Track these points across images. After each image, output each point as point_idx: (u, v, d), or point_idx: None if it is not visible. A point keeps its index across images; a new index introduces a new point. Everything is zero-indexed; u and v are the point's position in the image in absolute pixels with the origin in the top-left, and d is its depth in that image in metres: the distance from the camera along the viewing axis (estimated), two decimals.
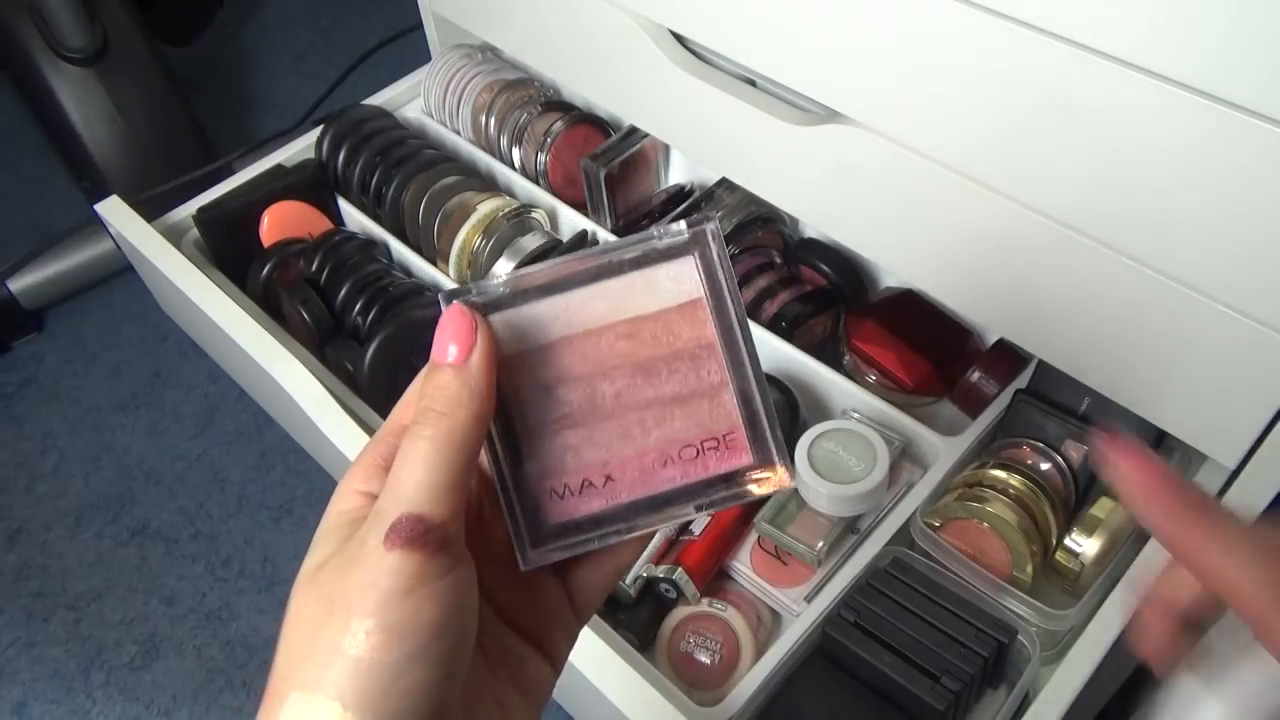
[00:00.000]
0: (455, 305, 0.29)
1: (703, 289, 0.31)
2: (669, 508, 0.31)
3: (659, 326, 0.31)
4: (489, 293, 0.30)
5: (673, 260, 0.31)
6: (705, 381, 0.31)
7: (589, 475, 0.31)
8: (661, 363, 0.31)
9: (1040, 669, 0.63)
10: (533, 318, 0.31)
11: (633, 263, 0.31)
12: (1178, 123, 0.48)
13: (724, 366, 0.32)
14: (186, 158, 1.29)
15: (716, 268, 0.31)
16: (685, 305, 0.31)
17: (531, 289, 0.31)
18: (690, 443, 0.31)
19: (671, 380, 0.31)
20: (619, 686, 0.57)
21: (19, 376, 1.24)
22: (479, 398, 0.28)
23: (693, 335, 0.31)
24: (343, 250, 0.88)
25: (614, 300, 0.31)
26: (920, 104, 0.59)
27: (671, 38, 0.75)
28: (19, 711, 0.93)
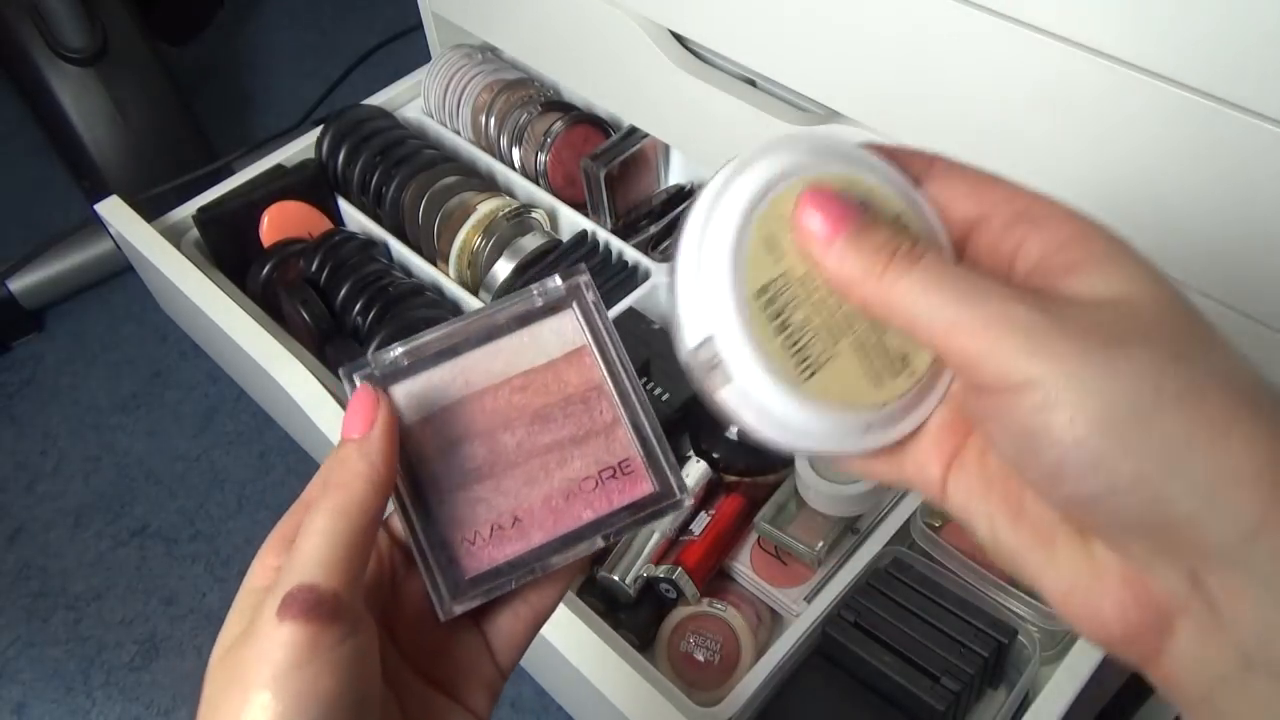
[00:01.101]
0: (361, 386, 0.31)
1: (585, 337, 0.34)
2: (579, 543, 0.33)
3: (549, 376, 0.34)
4: (389, 365, 0.33)
5: (554, 314, 0.34)
6: (599, 420, 0.34)
7: (499, 522, 0.33)
8: (556, 409, 0.34)
9: (1040, 669, 0.63)
10: (434, 383, 0.33)
11: (518, 320, 0.34)
12: (1177, 123, 0.48)
13: (614, 404, 0.34)
14: (186, 158, 1.29)
15: (594, 315, 0.34)
16: (571, 354, 0.34)
17: (429, 356, 0.33)
18: (591, 477, 0.34)
19: (567, 424, 0.34)
20: (619, 686, 0.57)
21: (19, 376, 1.24)
22: (376, 469, 0.29)
23: (581, 380, 0.34)
24: (343, 250, 0.88)
25: (506, 357, 0.34)
26: (920, 104, 0.59)
27: (671, 38, 0.75)
28: (19, 711, 0.93)
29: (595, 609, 0.66)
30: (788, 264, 0.27)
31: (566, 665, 0.59)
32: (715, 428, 0.74)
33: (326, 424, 0.72)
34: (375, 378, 0.33)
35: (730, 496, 0.73)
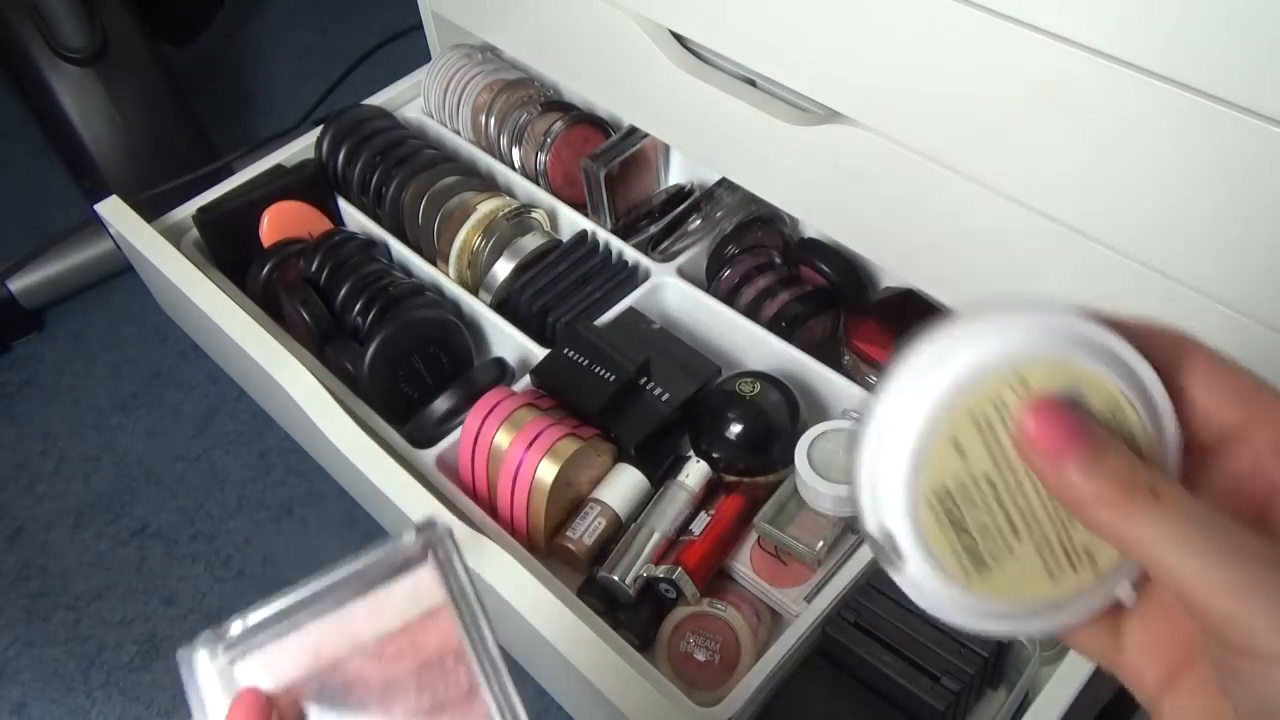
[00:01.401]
0: (244, 694, 0.30)
1: (443, 595, 0.31)
2: None
3: (404, 641, 0.31)
4: (235, 639, 0.31)
5: (411, 571, 0.32)
6: (454, 689, 0.31)
7: None
8: (409, 678, 0.31)
9: (1040, 669, 0.63)
10: (280, 658, 0.31)
11: (371, 581, 0.31)
12: (1177, 122, 0.48)
13: (472, 671, 0.31)
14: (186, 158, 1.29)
15: (456, 570, 0.32)
16: (428, 615, 0.31)
17: (277, 627, 0.31)
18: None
19: (425, 693, 0.31)
20: (619, 686, 0.57)
21: (19, 376, 1.24)
22: None
23: (438, 643, 0.31)
24: (343, 250, 0.88)
25: (359, 624, 0.31)
26: (920, 104, 0.59)
27: (671, 38, 0.75)
28: (19, 711, 0.93)
29: (595, 609, 0.66)
30: (974, 461, 0.25)
31: (566, 665, 0.59)
32: (715, 428, 0.74)
33: (327, 424, 0.72)
34: (222, 653, 0.31)
35: (730, 496, 0.73)
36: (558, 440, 0.70)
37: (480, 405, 0.73)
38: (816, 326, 0.86)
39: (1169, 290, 0.54)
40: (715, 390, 0.76)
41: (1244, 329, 0.52)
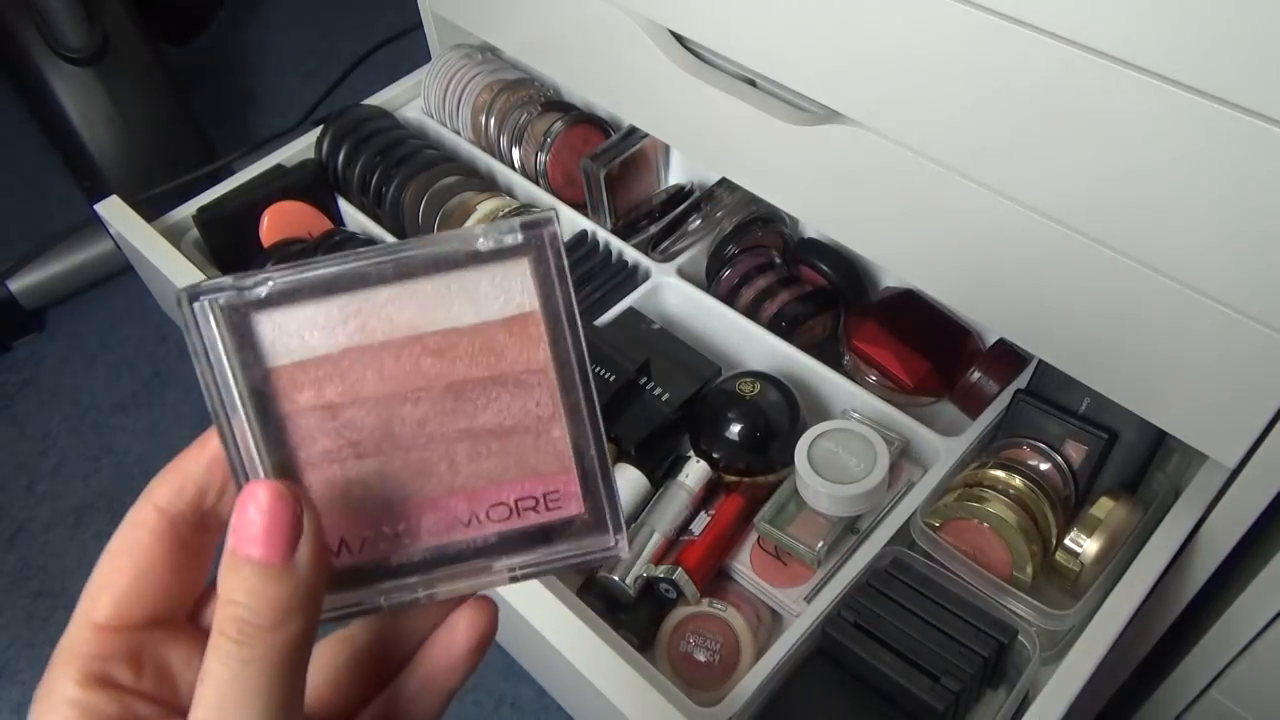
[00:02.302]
0: (262, 482, 0.23)
1: (537, 301, 0.25)
2: (476, 568, 0.26)
3: (478, 342, 0.25)
4: (253, 289, 0.24)
5: (500, 263, 0.25)
6: (531, 414, 0.26)
7: (381, 517, 0.26)
8: (478, 387, 0.25)
9: (1040, 669, 0.63)
10: (314, 319, 0.25)
11: (448, 261, 0.25)
12: (1178, 122, 0.48)
13: (555, 399, 0.26)
14: (186, 158, 1.29)
15: (555, 280, 0.25)
16: (512, 319, 0.25)
17: (313, 285, 0.25)
18: (509, 484, 0.26)
19: (490, 408, 0.26)
20: (619, 686, 0.57)
21: (19, 376, 1.24)
22: (314, 601, 0.23)
23: (519, 357, 0.26)
24: (343, 250, 0.88)
25: (421, 305, 0.25)
26: (920, 104, 0.59)
27: (671, 38, 0.75)
28: (19, 711, 0.94)
29: (595, 609, 0.66)
30: None
31: (566, 665, 0.59)
32: (715, 427, 0.74)
33: None
34: (236, 310, 0.24)
35: (730, 496, 0.73)
36: None
37: None
38: (816, 326, 0.86)
39: (1169, 290, 0.54)
40: (715, 390, 0.76)
41: (1244, 329, 0.52)
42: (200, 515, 0.26)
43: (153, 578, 0.25)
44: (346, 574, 0.26)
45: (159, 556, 0.25)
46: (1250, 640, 0.67)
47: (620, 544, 0.27)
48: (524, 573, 0.27)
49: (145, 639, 0.25)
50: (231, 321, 0.24)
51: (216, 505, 0.26)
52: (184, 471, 0.26)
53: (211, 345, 0.24)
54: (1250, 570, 0.65)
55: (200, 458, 0.26)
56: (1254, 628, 0.66)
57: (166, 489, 0.26)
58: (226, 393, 0.25)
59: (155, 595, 0.25)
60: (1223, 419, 0.57)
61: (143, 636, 0.25)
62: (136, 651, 0.25)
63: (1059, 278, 0.59)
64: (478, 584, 0.27)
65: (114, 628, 0.25)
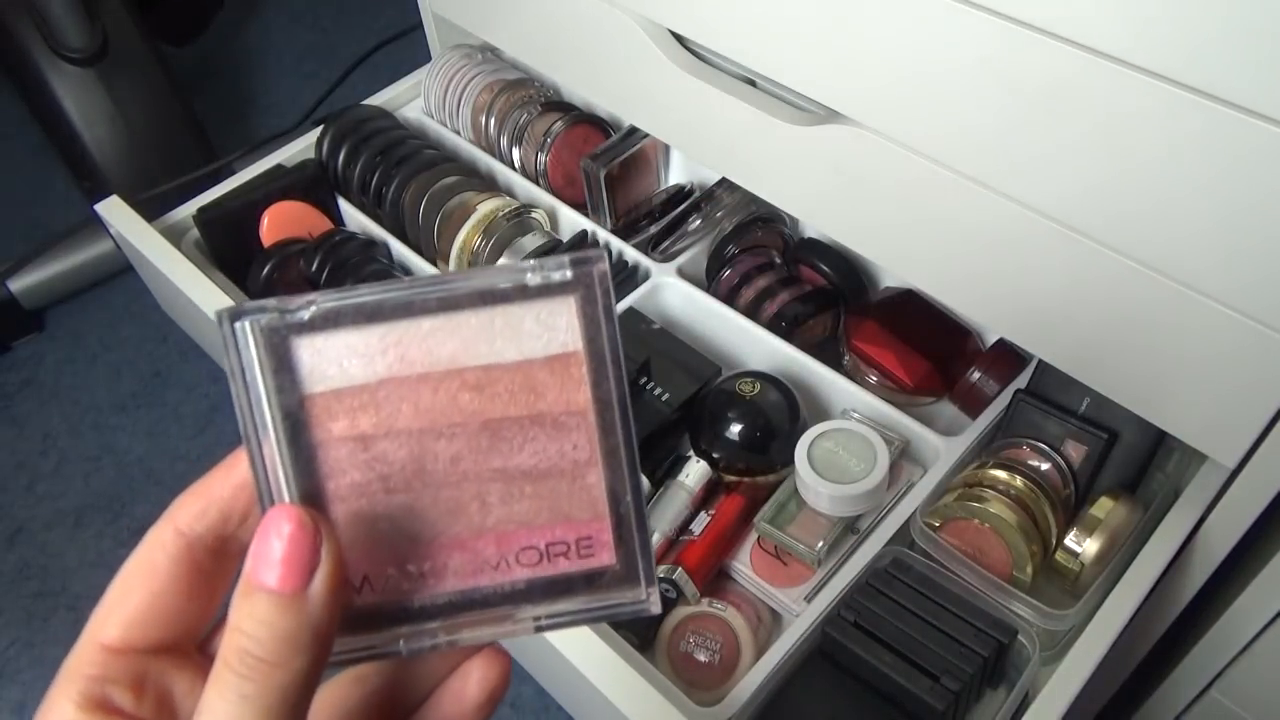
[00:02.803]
0: (283, 508, 0.23)
1: (581, 342, 0.25)
2: (503, 610, 0.25)
3: (518, 380, 0.25)
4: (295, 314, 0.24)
5: (546, 299, 0.25)
6: (568, 457, 0.25)
7: (406, 556, 0.25)
8: (515, 426, 0.25)
9: (1040, 669, 0.63)
10: (354, 346, 0.24)
11: (494, 295, 0.24)
12: (1178, 122, 0.48)
13: (594, 443, 0.25)
14: (186, 158, 1.29)
15: (601, 319, 0.25)
16: (555, 358, 0.25)
17: (354, 309, 0.24)
18: (540, 528, 0.25)
19: (526, 449, 0.25)
20: (619, 686, 0.57)
21: (19, 376, 1.24)
22: (321, 640, 0.22)
23: (559, 397, 0.25)
24: (343, 250, 0.88)
25: (463, 339, 0.24)
26: (920, 104, 0.59)
27: (671, 38, 0.75)
28: (19, 711, 0.93)
29: None
30: None
31: (566, 665, 0.59)
32: (715, 428, 0.74)
33: None
34: (276, 332, 0.24)
35: (730, 496, 0.73)
36: None
37: None
38: (816, 326, 0.86)
39: (1169, 290, 0.54)
40: (715, 390, 0.76)
41: (1244, 329, 0.52)
42: (220, 541, 0.25)
43: (165, 602, 0.25)
44: (367, 614, 0.25)
45: (174, 580, 0.25)
46: (1250, 640, 0.67)
47: (652, 598, 0.26)
48: (550, 623, 0.26)
49: (150, 664, 0.25)
50: (271, 344, 0.24)
51: (238, 531, 0.26)
52: (209, 494, 0.25)
53: (249, 367, 0.24)
54: (1250, 570, 0.65)
55: (226, 481, 0.25)
56: (1254, 628, 0.66)
57: (188, 511, 0.25)
58: (260, 416, 0.24)
59: (166, 620, 0.25)
60: (1223, 419, 0.57)
61: (148, 661, 0.25)
62: (140, 676, 0.24)
63: (1059, 278, 0.59)
64: (500, 632, 0.26)
65: (120, 650, 0.24)
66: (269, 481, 0.24)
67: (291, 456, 0.24)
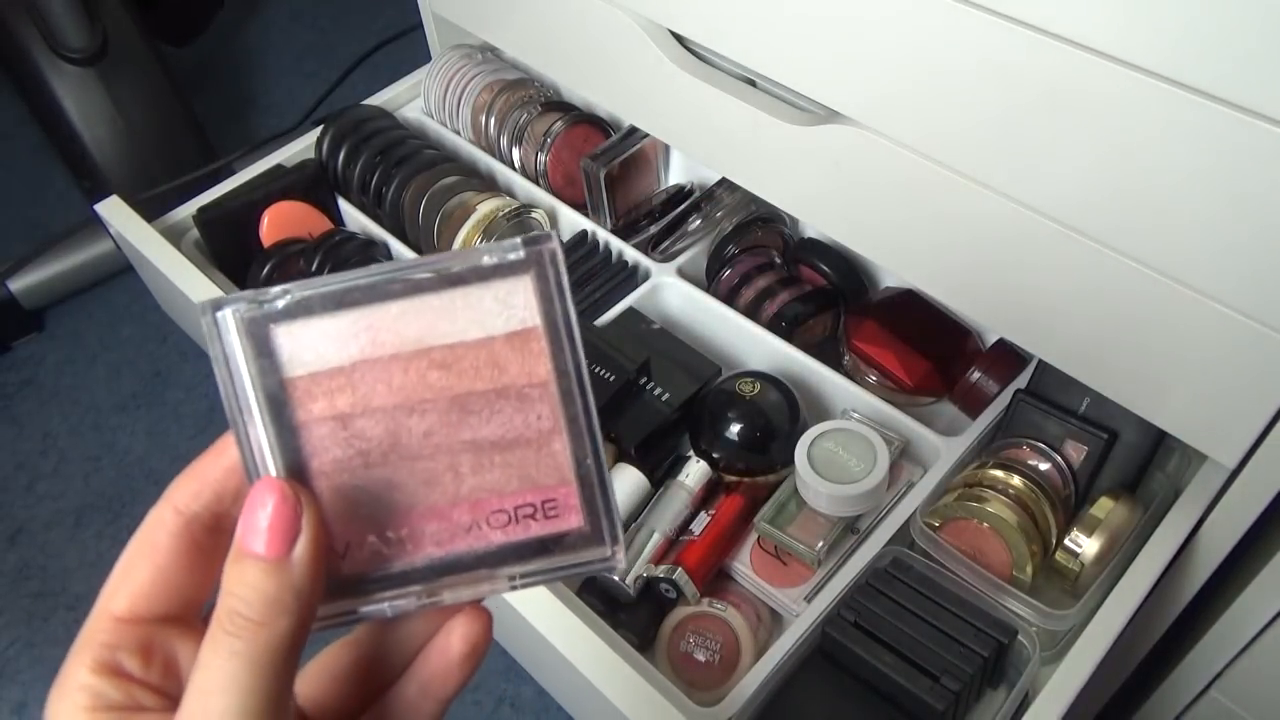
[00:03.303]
0: (267, 480, 0.25)
1: (538, 317, 0.27)
2: (480, 572, 0.27)
3: (482, 356, 0.27)
4: (271, 302, 0.26)
5: (503, 279, 0.26)
6: (533, 427, 0.27)
7: (386, 525, 0.27)
8: (482, 400, 0.27)
9: (1040, 669, 0.63)
10: (328, 332, 0.26)
11: (454, 278, 0.26)
12: (1177, 122, 0.48)
13: (556, 412, 0.27)
14: (186, 158, 1.29)
15: (555, 296, 0.27)
16: (514, 334, 0.27)
17: (326, 297, 0.26)
18: (510, 494, 0.27)
19: (492, 421, 0.27)
20: (619, 686, 0.57)
21: (19, 376, 1.24)
22: (305, 601, 0.24)
23: (521, 371, 0.27)
24: (343, 250, 0.88)
25: (429, 320, 0.26)
26: (920, 104, 0.59)
27: (671, 38, 0.75)
28: (19, 711, 0.93)
29: (595, 609, 0.66)
30: None
31: (566, 665, 0.59)
32: (715, 427, 0.74)
33: None
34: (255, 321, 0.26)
35: (730, 496, 0.73)
36: None
37: None
38: (816, 326, 0.86)
39: (1169, 290, 0.54)
40: (715, 390, 0.76)
41: (1244, 329, 0.52)
42: (215, 518, 0.27)
43: (168, 575, 0.26)
44: (353, 580, 0.27)
45: (175, 555, 0.26)
46: (1250, 640, 0.67)
47: (617, 555, 0.28)
48: (524, 581, 0.28)
49: (156, 633, 0.26)
50: (251, 332, 0.26)
51: (231, 509, 0.27)
52: (202, 476, 0.27)
53: (231, 354, 0.26)
54: (1250, 570, 0.65)
55: (218, 463, 0.27)
56: (1254, 628, 0.66)
57: (184, 492, 0.27)
58: (244, 399, 0.26)
59: (169, 592, 0.26)
60: (1223, 419, 0.57)
61: (154, 630, 0.26)
62: (147, 644, 0.26)
63: (1059, 278, 0.59)
64: (479, 591, 0.28)
65: (129, 620, 0.26)
66: (255, 459, 0.26)
67: (275, 435, 0.26)
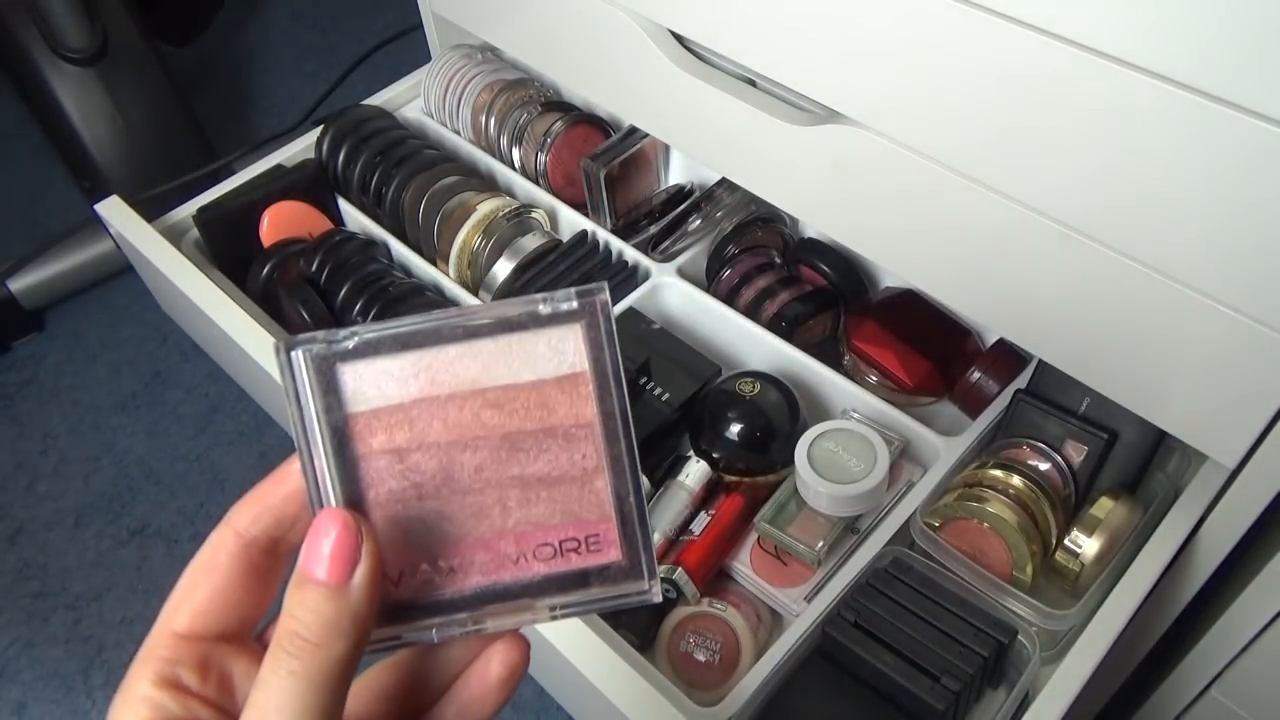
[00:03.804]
0: (330, 511, 0.27)
1: (587, 363, 0.29)
2: (523, 602, 0.29)
3: (533, 398, 0.29)
4: (341, 343, 0.28)
5: (555, 327, 0.29)
6: (578, 465, 0.29)
7: (438, 554, 0.29)
8: (531, 438, 0.29)
9: (1040, 669, 0.63)
10: (390, 371, 0.28)
11: (510, 324, 0.28)
12: (1177, 122, 0.48)
13: (600, 452, 0.29)
14: (186, 158, 1.29)
15: (604, 344, 0.29)
16: (564, 378, 0.29)
17: (391, 341, 0.28)
18: (554, 528, 0.29)
19: (540, 459, 0.29)
20: (619, 686, 0.57)
21: (19, 376, 1.24)
22: (360, 626, 0.26)
23: (569, 412, 0.29)
24: (343, 250, 0.88)
25: (485, 363, 0.28)
26: (920, 104, 0.59)
27: (671, 38, 0.75)
28: (19, 711, 0.93)
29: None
30: None
31: (566, 665, 0.59)
32: (715, 428, 0.74)
33: None
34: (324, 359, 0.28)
35: (730, 496, 0.73)
36: None
37: None
38: (816, 326, 0.86)
39: (1169, 290, 0.54)
40: (715, 390, 0.76)
41: (1244, 329, 0.52)
42: (274, 542, 0.29)
43: (226, 595, 0.28)
44: (403, 606, 0.28)
45: (234, 576, 0.28)
46: (1250, 640, 0.67)
47: (654, 589, 0.29)
48: (564, 612, 0.29)
49: (214, 650, 0.28)
50: (320, 370, 0.28)
51: (288, 535, 0.29)
52: (262, 501, 0.29)
53: (302, 390, 0.28)
54: (1250, 570, 0.65)
55: (278, 490, 0.29)
56: (1254, 628, 0.66)
57: (245, 516, 0.28)
58: (311, 433, 0.28)
59: (227, 611, 0.28)
60: (1223, 419, 0.57)
61: (211, 647, 0.28)
62: (205, 660, 0.27)
63: (1059, 278, 0.59)
64: (521, 620, 0.29)
65: (188, 636, 0.27)
66: (319, 489, 0.28)
67: (337, 467, 0.28)
